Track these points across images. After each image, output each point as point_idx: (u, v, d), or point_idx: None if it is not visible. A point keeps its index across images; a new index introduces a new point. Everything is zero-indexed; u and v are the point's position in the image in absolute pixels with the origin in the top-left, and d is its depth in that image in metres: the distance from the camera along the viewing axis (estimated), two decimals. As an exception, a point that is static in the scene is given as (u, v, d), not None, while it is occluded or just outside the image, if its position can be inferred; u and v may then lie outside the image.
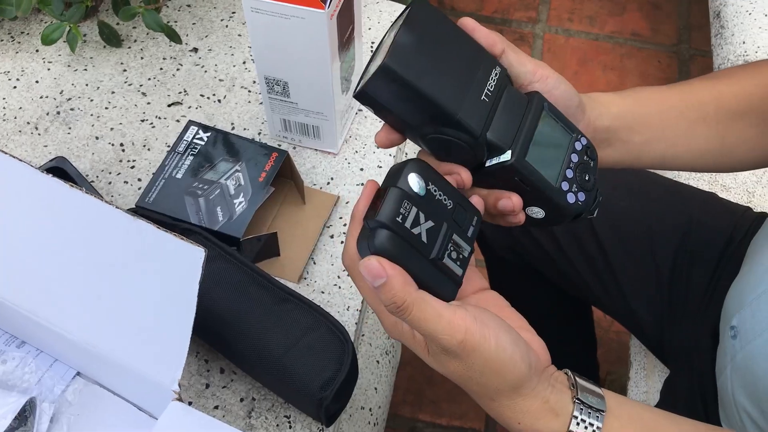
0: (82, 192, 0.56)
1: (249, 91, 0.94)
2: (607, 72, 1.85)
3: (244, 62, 0.96)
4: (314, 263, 0.81)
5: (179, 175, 0.79)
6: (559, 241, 0.89)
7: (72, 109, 0.92)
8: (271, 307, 0.67)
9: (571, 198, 0.51)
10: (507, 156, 0.49)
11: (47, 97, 0.93)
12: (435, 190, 0.47)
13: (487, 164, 0.50)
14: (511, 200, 0.51)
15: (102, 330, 0.60)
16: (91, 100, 0.93)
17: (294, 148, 0.89)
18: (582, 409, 0.46)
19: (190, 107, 0.92)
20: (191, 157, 0.81)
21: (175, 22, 1.00)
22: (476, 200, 0.50)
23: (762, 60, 0.67)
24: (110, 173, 0.87)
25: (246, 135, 0.89)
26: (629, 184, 0.88)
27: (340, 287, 0.79)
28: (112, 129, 0.90)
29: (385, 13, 1.01)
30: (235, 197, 0.78)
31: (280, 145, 0.88)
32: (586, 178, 0.52)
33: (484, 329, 0.44)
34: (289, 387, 0.67)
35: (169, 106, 0.92)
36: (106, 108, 0.92)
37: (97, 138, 0.89)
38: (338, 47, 0.77)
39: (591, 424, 0.46)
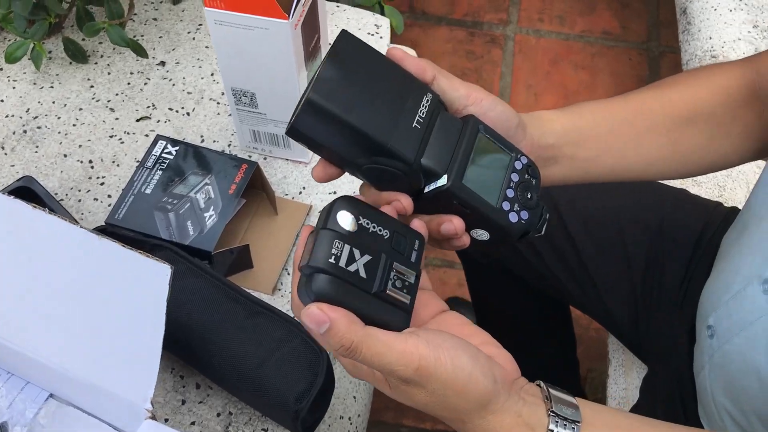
0: (45, 213, 0.55)
1: (218, 103, 0.93)
2: (579, 71, 1.87)
3: (212, 74, 0.96)
4: (288, 274, 0.80)
5: (148, 191, 0.79)
6: (533, 244, 0.89)
7: (39, 128, 0.91)
8: (243, 320, 0.67)
9: (513, 217, 0.51)
10: (443, 180, 0.49)
11: (13, 116, 0.92)
12: (367, 223, 0.47)
13: (426, 190, 0.50)
14: (453, 224, 0.50)
15: (72, 351, 0.60)
16: (59, 118, 0.92)
17: (264, 158, 0.88)
18: (557, 421, 0.46)
19: (158, 121, 0.92)
20: (160, 172, 0.80)
21: (142, 36, 0.99)
22: (417, 224, 0.50)
23: (709, 65, 0.68)
24: (80, 191, 0.86)
25: (216, 147, 0.89)
26: (598, 184, 0.88)
27: (314, 297, 0.79)
28: (80, 146, 0.89)
29: (353, 20, 1.01)
30: (206, 210, 0.77)
31: (250, 156, 0.88)
32: (528, 196, 0.52)
33: (438, 352, 0.44)
34: (264, 400, 0.66)
35: (137, 120, 0.92)
36: (74, 125, 0.91)
37: (65, 156, 0.89)
38: (304, 57, 0.77)
39: None
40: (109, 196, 0.85)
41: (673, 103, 0.63)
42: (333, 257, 0.44)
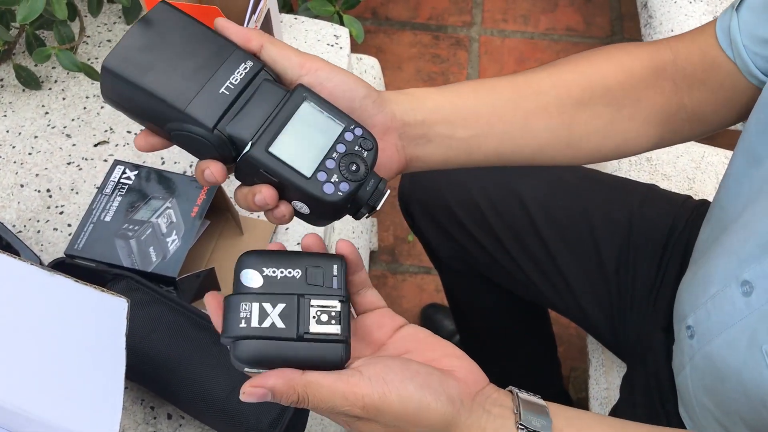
0: (-6, 251, 0.53)
1: (177, 124, 0.91)
2: (546, 69, 1.86)
3: (170, 94, 0.94)
4: (257, 295, 0.78)
5: (108, 218, 0.77)
6: (505, 246, 0.88)
7: (-7, 158, 0.88)
8: (210, 347, 0.65)
9: (328, 188, 0.49)
10: (248, 147, 0.48)
11: (-34, 147, 0.89)
12: (274, 272, 0.47)
13: (237, 160, 0.49)
14: (262, 193, 0.48)
15: (30, 393, 0.57)
16: (14, 147, 0.89)
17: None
18: None
19: (117, 145, 0.90)
20: (120, 198, 0.78)
21: (96, 58, 0.97)
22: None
23: (612, 45, 0.64)
24: (38, 221, 0.84)
25: (177, 169, 0.87)
26: (566, 184, 0.87)
27: (285, 317, 0.77)
28: (37, 175, 0.87)
29: (311, 32, 1.00)
30: (168, 235, 0.75)
31: (213, 176, 0.86)
32: (353, 168, 0.49)
33: (382, 387, 0.43)
34: (237, 428, 0.64)
35: (95, 146, 0.90)
36: (30, 153, 0.89)
37: (22, 186, 0.86)
38: (260, 73, 0.75)
39: None
40: (69, 225, 0.83)
41: (567, 84, 0.59)
42: (243, 321, 0.45)
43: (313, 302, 0.46)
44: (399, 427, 0.44)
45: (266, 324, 0.45)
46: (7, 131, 0.91)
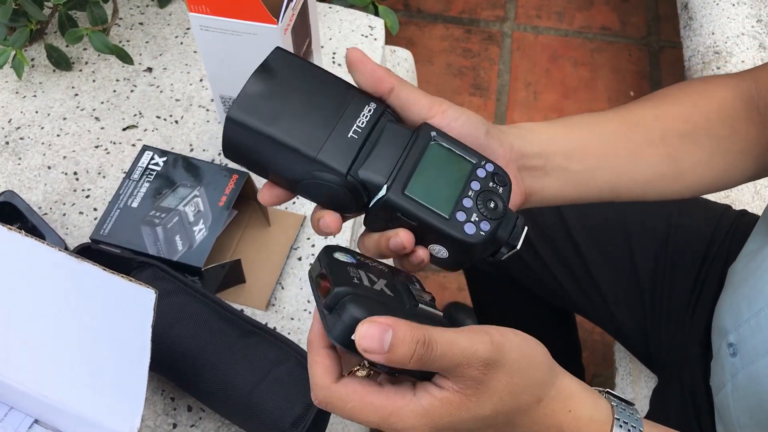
0: (22, 235, 0.52)
1: (207, 110, 0.90)
2: (578, 68, 1.83)
3: (201, 80, 0.93)
4: (282, 288, 0.77)
5: (135, 204, 0.76)
6: (537, 251, 0.86)
7: (22, 139, 0.88)
8: (235, 341, 0.64)
9: (470, 229, 0.46)
10: (383, 192, 0.46)
11: (-5, 126, 0.89)
12: (364, 258, 0.45)
13: (370, 205, 0.47)
14: (399, 237, 0.46)
15: (54, 380, 0.56)
16: (42, 128, 0.89)
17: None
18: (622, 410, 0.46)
19: (146, 130, 0.88)
20: (147, 184, 0.77)
21: (128, 41, 0.96)
22: (401, 233, 0.47)
23: (702, 78, 0.64)
24: (64, 204, 0.83)
25: (205, 156, 0.86)
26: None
27: (310, 312, 0.76)
28: (64, 157, 0.86)
29: (346, 21, 0.98)
30: (195, 224, 0.74)
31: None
32: (492, 205, 0.47)
33: (493, 330, 0.42)
34: (258, 424, 0.63)
35: (124, 130, 0.88)
36: (58, 135, 0.88)
37: (49, 168, 0.85)
38: (295, 62, 0.74)
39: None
40: (95, 209, 0.82)
41: (669, 116, 0.59)
42: (356, 278, 0.42)
43: (410, 288, 0.44)
44: (525, 371, 0.42)
45: (377, 287, 0.42)
46: (36, 112, 0.90)
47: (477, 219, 0.47)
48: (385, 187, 0.46)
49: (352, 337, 0.39)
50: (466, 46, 1.87)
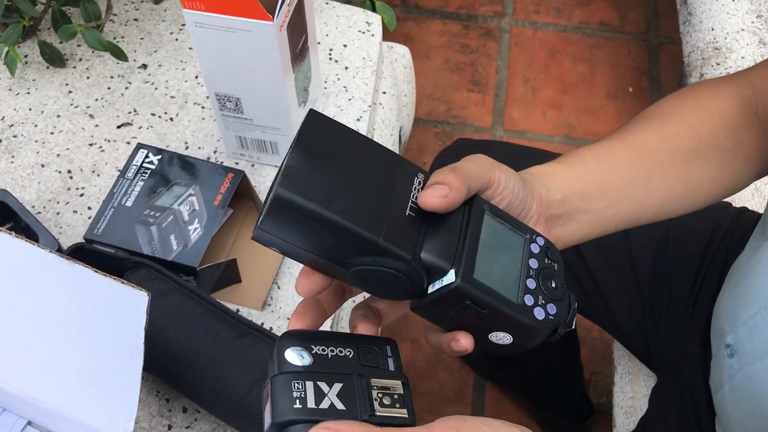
0: (12, 237, 0.51)
1: (203, 108, 0.89)
2: (577, 64, 1.82)
3: (196, 77, 0.92)
4: (278, 288, 0.76)
5: (129, 203, 0.75)
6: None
7: (15, 136, 0.87)
8: (231, 342, 0.63)
9: (539, 313, 0.42)
10: (451, 277, 0.41)
11: (-12, 124, 0.88)
12: (323, 350, 0.40)
13: (430, 290, 0.42)
14: (460, 343, 0.43)
15: (46, 383, 0.56)
16: (35, 126, 0.88)
17: (252, 165, 0.84)
18: None
19: (140, 128, 0.87)
20: (142, 183, 0.76)
21: (122, 37, 0.95)
22: (461, 338, 0.43)
23: (695, 86, 0.63)
24: (58, 203, 0.82)
25: (201, 154, 0.85)
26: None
27: (307, 312, 0.75)
28: (58, 155, 0.85)
29: (343, 18, 0.97)
30: (190, 223, 0.73)
31: (237, 164, 0.84)
32: (553, 285, 0.43)
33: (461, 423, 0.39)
34: (254, 427, 0.62)
35: (118, 127, 0.88)
36: (52, 133, 0.87)
37: (42, 166, 0.84)
38: (291, 59, 0.73)
39: None
40: (89, 208, 0.81)
41: (674, 136, 0.57)
42: (298, 401, 0.38)
43: (374, 382, 0.40)
44: None
45: (324, 405, 0.38)
46: (30, 109, 0.89)
47: (543, 302, 0.43)
48: (452, 272, 0.41)
49: None
50: (464, 41, 1.85)
